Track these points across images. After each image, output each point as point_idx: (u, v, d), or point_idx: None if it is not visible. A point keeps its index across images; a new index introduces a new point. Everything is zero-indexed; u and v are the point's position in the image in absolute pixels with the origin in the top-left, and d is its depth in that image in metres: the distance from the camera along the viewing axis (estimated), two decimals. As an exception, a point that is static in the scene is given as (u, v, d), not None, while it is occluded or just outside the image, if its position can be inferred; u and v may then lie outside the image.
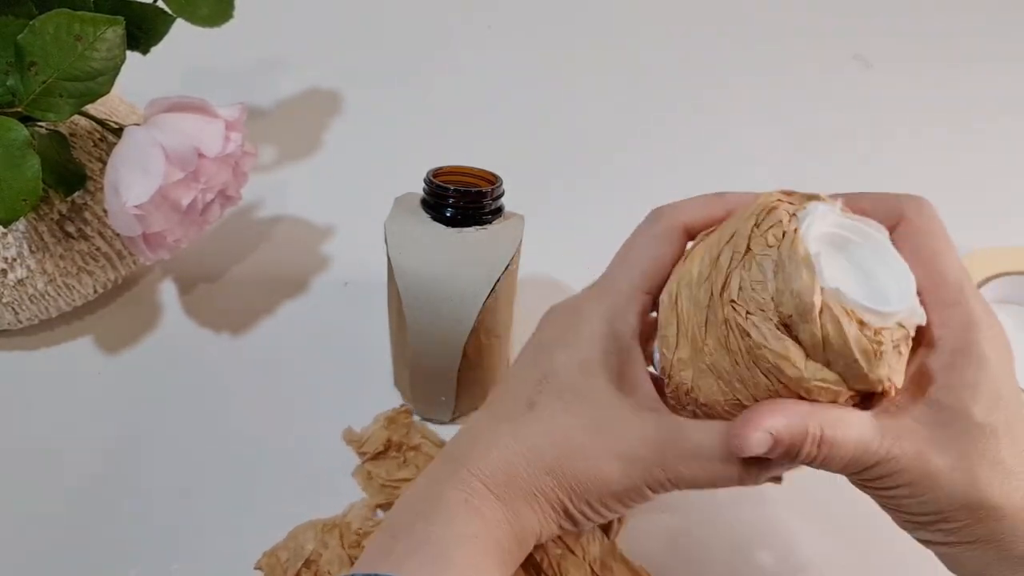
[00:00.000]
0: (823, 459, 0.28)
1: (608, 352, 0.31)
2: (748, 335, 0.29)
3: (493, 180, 0.41)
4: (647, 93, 0.71)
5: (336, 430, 0.46)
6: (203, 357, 0.50)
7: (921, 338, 0.29)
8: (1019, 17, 0.83)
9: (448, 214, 0.40)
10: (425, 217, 0.41)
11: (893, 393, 0.28)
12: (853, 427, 0.28)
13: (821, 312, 0.27)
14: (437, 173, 0.41)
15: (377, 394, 0.48)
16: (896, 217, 0.30)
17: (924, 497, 0.28)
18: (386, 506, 0.43)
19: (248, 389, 0.48)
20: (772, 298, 0.28)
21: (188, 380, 0.49)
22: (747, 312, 0.29)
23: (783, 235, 0.28)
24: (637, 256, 0.32)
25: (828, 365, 0.28)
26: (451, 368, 0.43)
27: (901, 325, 0.28)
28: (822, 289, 0.27)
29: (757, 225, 0.29)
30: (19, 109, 0.40)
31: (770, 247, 0.28)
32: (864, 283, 0.29)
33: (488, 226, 0.41)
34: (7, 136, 0.39)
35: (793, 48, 0.77)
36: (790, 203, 0.29)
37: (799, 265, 0.27)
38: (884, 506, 0.30)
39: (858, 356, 0.27)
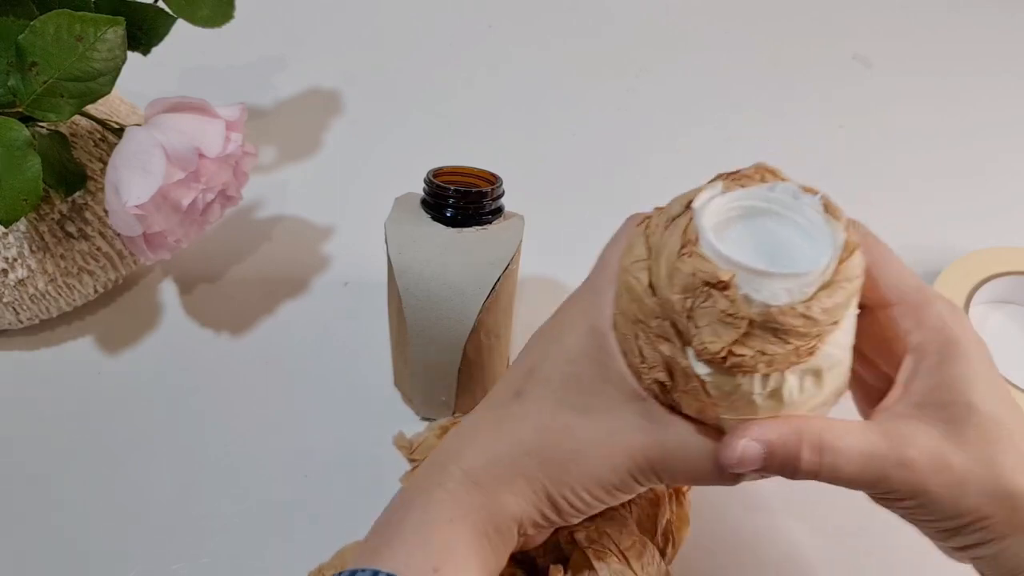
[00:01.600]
0: (829, 468, 0.27)
1: (593, 346, 0.31)
2: (629, 248, 0.30)
3: (493, 180, 0.41)
4: (647, 93, 0.71)
5: (335, 430, 0.46)
6: (203, 357, 0.50)
7: (898, 345, 0.29)
8: (1019, 17, 0.83)
9: (448, 214, 0.40)
10: (425, 217, 0.41)
11: (701, 350, 0.27)
12: (854, 434, 0.28)
13: (669, 223, 0.28)
14: (437, 173, 0.41)
15: (377, 394, 0.48)
16: None
17: (952, 497, 0.27)
18: None
19: (248, 389, 0.48)
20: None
21: (188, 380, 0.49)
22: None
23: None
24: (611, 252, 0.32)
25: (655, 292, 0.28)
26: (451, 368, 0.43)
27: (738, 292, 0.26)
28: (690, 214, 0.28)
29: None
30: (20, 109, 0.40)
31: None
32: (764, 252, 0.27)
33: (488, 226, 0.41)
34: (8, 136, 0.39)
35: (793, 48, 0.77)
36: (761, 178, 0.29)
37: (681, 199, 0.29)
38: (915, 522, 0.29)
39: (664, 265, 0.27)
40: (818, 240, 0.27)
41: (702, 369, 0.27)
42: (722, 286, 0.26)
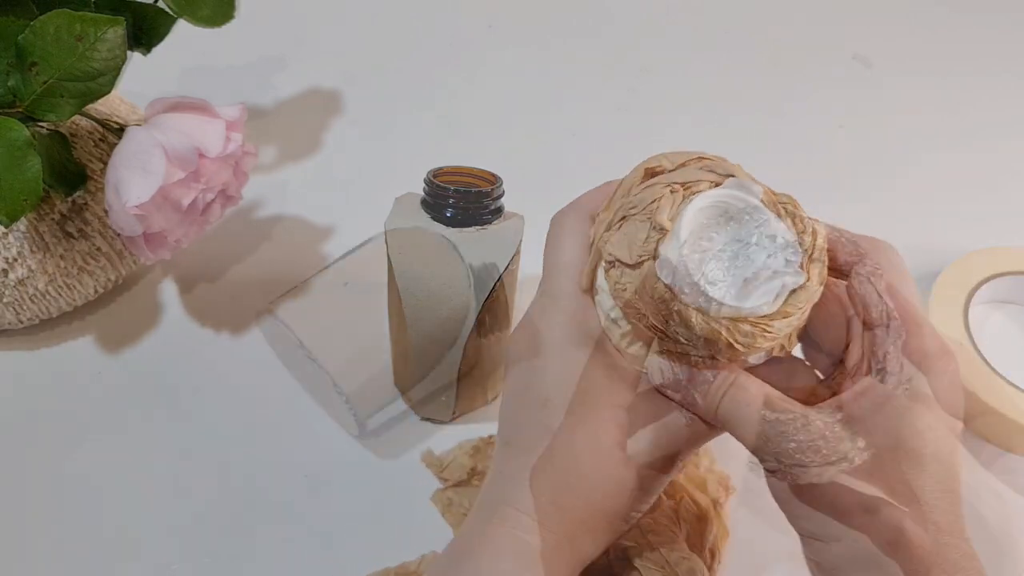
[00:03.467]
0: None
1: (591, 354, 0.31)
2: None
3: (493, 180, 0.41)
4: (647, 93, 0.71)
5: (335, 430, 0.46)
6: (203, 357, 0.50)
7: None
8: (1019, 17, 0.83)
9: (448, 214, 0.40)
10: (425, 217, 0.41)
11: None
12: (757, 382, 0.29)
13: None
14: (437, 173, 0.41)
15: (377, 395, 0.48)
16: (859, 254, 0.30)
17: (863, 413, 0.28)
18: None
19: (248, 389, 0.48)
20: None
21: (188, 380, 0.49)
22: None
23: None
24: (568, 256, 0.32)
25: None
26: (451, 368, 0.43)
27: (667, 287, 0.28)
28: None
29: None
30: (20, 109, 0.40)
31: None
32: (732, 247, 0.29)
33: (488, 226, 0.41)
34: (8, 136, 0.39)
35: (793, 48, 0.77)
36: (802, 227, 0.29)
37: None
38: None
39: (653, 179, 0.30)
40: (758, 294, 0.28)
41: (606, 256, 0.30)
42: (655, 226, 0.28)
